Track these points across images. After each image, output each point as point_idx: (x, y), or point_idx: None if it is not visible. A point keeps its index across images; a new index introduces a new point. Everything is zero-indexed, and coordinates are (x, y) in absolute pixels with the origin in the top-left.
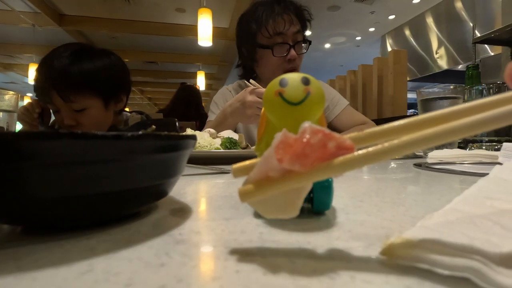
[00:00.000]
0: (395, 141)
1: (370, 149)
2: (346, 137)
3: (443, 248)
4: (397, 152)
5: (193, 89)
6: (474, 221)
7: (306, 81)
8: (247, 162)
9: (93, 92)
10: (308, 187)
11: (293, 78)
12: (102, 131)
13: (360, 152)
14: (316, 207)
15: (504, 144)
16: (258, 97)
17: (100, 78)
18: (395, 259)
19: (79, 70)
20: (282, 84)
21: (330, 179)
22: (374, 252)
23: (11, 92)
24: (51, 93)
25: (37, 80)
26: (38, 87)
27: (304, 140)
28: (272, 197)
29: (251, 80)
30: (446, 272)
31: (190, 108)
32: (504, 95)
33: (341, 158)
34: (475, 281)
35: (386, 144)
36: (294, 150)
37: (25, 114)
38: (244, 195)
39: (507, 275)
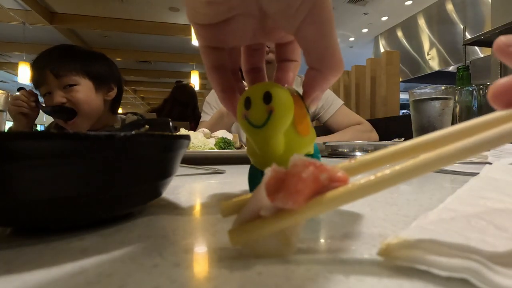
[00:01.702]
0: (388, 171)
1: (363, 180)
2: (339, 168)
3: (440, 248)
4: (392, 182)
5: (190, 89)
6: (469, 220)
7: (267, 99)
8: (236, 200)
9: (82, 70)
10: (303, 225)
11: (255, 96)
12: (94, 114)
13: (353, 184)
14: None
15: None
16: None
17: (90, 60)
18: (392, 260)
19: (71, 52)
20: (246, 106)
21: None
22: (367, 251)
23: (0, 91)
24: (45, 73)
25: (33, 66)
26: (34, 71)
27: (295, 177)
28: (266, 237)
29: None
30: (444, 273)
31: (188, 110)
32: (488, 117)
33: (335, 192)
34: (473, 282)
35: (379, 175)
36: (286, 187)
37: (21, 105)
38: (234, 238)
39: (505, 275)
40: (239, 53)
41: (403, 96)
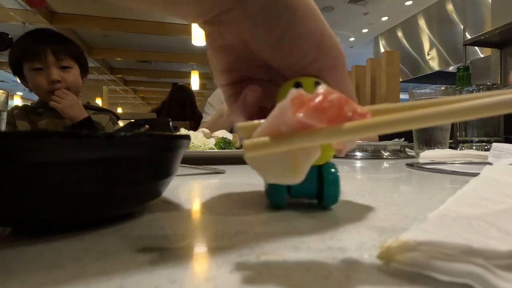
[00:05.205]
0: (409, 113)
1: (384, 117)
2: (363, 107)
3: (442, 252)
4: (412, 123)
5: (187, 90)
6: (470, 222)
7: (318, 85)
8: (256, 121)
9: (75, 56)
10: (317, 153)
11: (306, 81)
12: (77, 94)
13: (375, 118)
14: (326, 201)
15: (494, 144)
16: None
17: (77, 48)
18: (392, 263)
19: (65, 38)
20: (296, 86)
21: (337, 175)
22: (367, 251)
23: (0, 91)
24: (45, 51)
25: (30, 42)
26: (30, 47)
27: (321, 96)
28: (278, 157)
29: None
30: (446, 278)
31: (186, 109)
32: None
33: (357, 122)
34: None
35: (401, 114)
36: (311, 104)
37: None
38: (250, 148)
39: (509, 280)
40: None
41: (403, 96)
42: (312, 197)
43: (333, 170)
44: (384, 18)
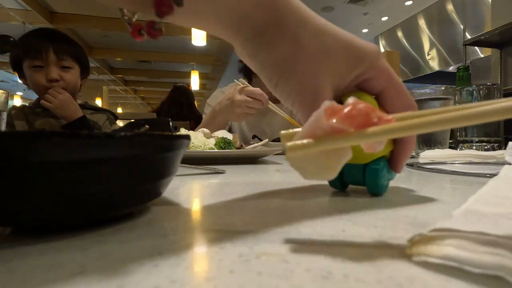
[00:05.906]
0: (435, 116)
1: (406, 121)
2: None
3: (471, 246)
4: (439, 125)
5: (185, 90)
6: (496, 220)
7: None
8: (295, 130)
9: (76, 57)
10: (349, 155)
11: (364, 97)
12: (75, 94)
13: (398, 123)
14: (368, 190)
15: (510, 143)
16: (247, 96)
17: (80, 50)
18: (422, 257)
19: (68, 39)
20: None
21: (377, 168)
22: (367, 251)
23: (0, 91)
24: (47, 50)
25: (33, 40)
26: (33, 45)
27: (351, 106)
28: (314, 158)
29: (240, 79)
30: (476, 271)
31: (183, 109)
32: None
33: (381, 126)
34: (508, 280)
35: (422, 119)
36: (342, 112)
37: None
38: (291, 149)
39: None
40: None
41: None
42: (363, 185)
43: (377, 166)
44: (384, 18)
